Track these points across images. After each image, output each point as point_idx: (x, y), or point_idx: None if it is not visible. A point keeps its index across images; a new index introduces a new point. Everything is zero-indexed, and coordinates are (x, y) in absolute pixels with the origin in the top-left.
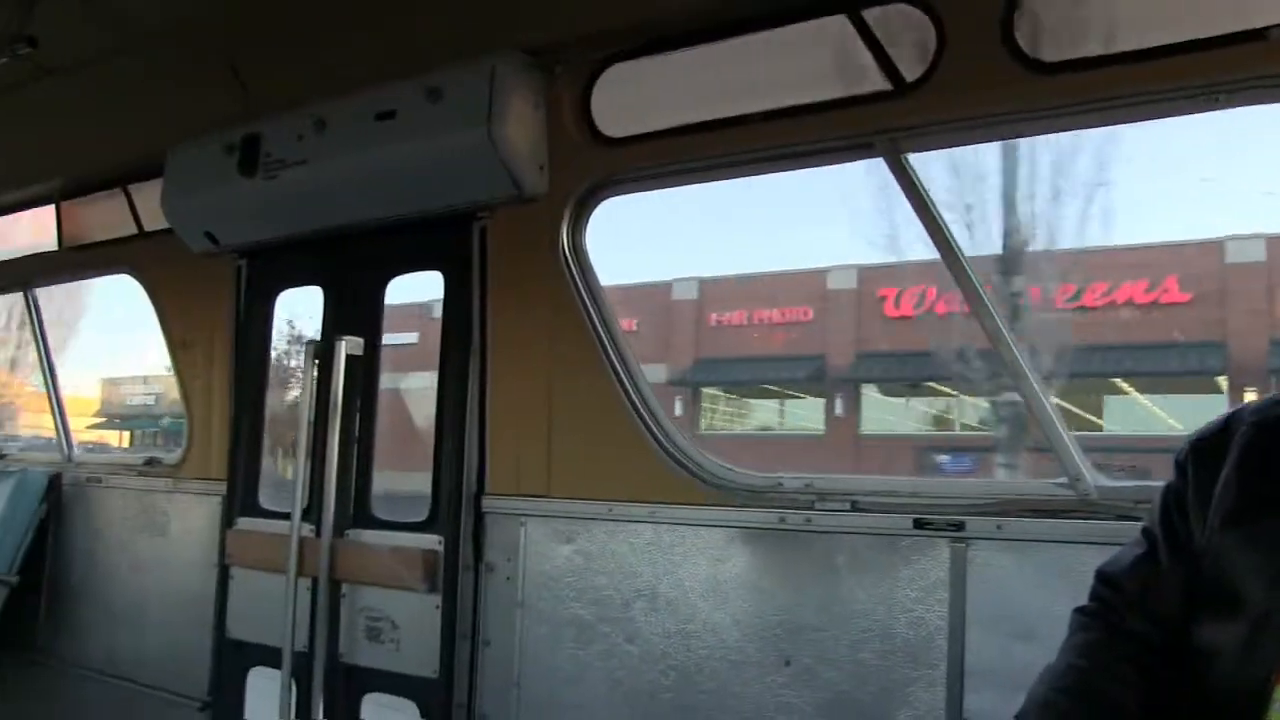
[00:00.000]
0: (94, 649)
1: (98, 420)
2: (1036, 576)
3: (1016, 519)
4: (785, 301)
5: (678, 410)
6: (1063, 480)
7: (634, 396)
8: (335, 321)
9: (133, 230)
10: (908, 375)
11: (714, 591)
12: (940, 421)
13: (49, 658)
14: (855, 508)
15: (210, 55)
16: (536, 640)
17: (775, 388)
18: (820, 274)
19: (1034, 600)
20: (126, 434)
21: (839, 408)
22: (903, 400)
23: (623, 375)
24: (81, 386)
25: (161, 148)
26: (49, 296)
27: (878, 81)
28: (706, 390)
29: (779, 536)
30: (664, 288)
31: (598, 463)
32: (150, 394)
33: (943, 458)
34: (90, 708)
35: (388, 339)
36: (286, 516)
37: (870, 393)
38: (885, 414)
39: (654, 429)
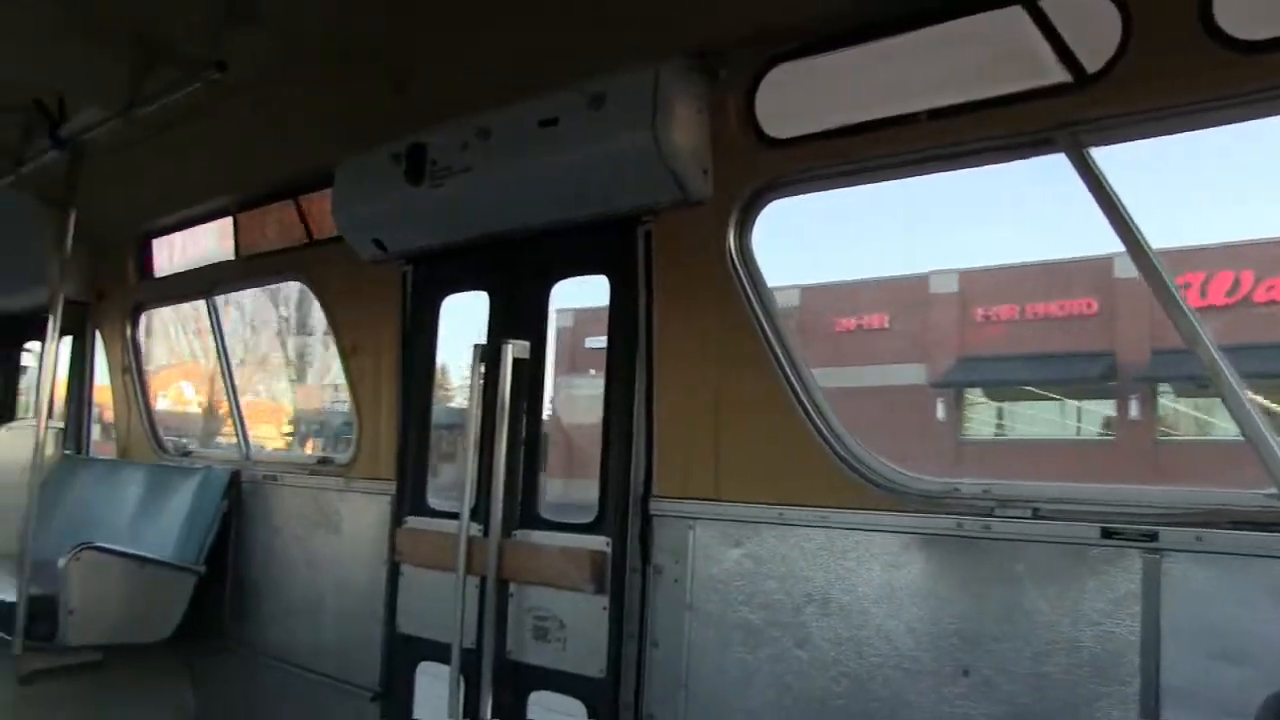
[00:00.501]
0: (274, 638)
1: (291, 429)
2: (1243, 593)
3: (1220, 531)
4: (1064, 293)
5: (939, 414)
6: (1272, 491)
7: (804, 399)
8: (500, 326)
9: (303, 239)
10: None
11: (888, 598)
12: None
13: (235, 645)
14: (1037, 515)
15: (377, 69)
16: (704, 643)
17: (1052, 389)
18: (1105, 261)
19: (1241, 619)
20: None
21: (1133, 410)
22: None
23: (792, 378)
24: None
25: (331, 159)
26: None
27: (1057, 74)
28: (972, 392)
29: (956, 543)
30: (919, 281)
31: (767, 466)
32: (341, 400)
33: None
34: (272, 693)
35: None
36: (454, 516)
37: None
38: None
39: (825, 432)
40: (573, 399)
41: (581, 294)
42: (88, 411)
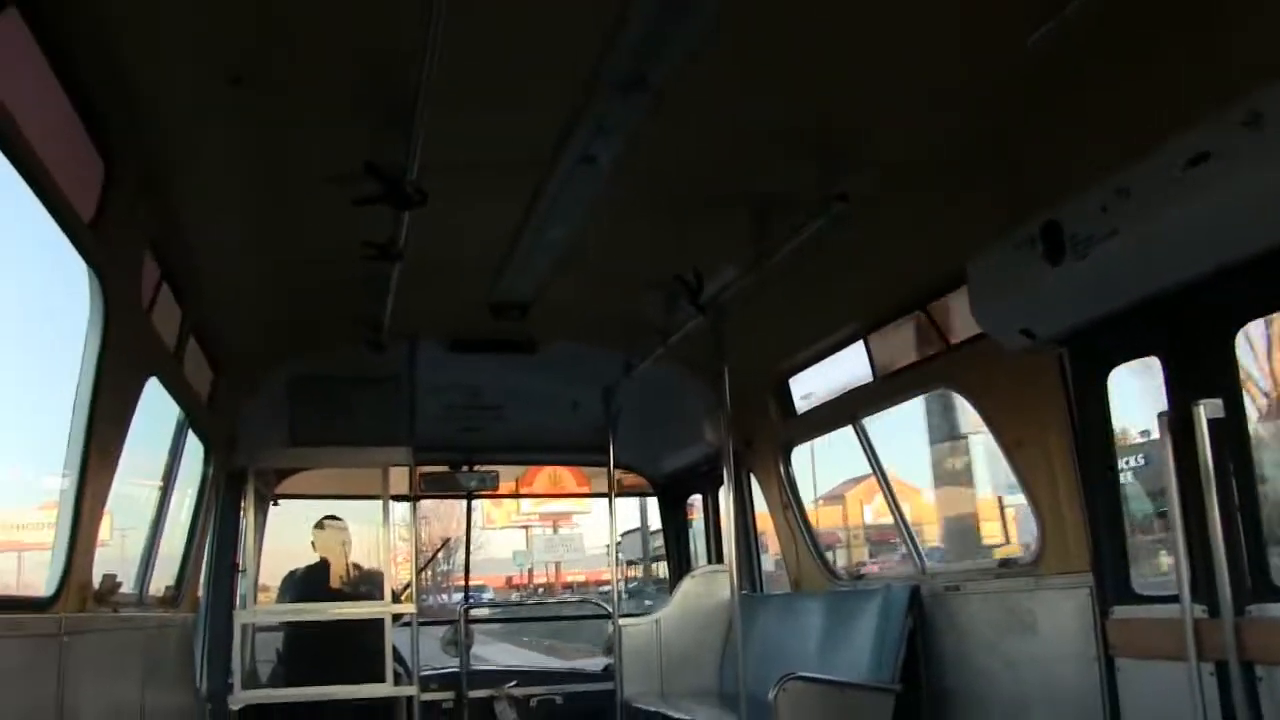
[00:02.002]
0: None
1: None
2: None
3: None
4: None
5: None
6: None
7: None
8: (1182, 386)
9: (941, 346)
10: None
11: None
12: None
13: None
14: None
15: (993, 157)
16: None
17: None
18: None
19: None
20: None
21: None
22: None
23: None
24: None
25: (956, 260)
26: None
27: None
28: None
29: None
30: None
31: None
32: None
33: None
34: None
35: None
36: (1168, 600)
37: None
38: None
39: None
40: None
41: None
42: (755, 551)
